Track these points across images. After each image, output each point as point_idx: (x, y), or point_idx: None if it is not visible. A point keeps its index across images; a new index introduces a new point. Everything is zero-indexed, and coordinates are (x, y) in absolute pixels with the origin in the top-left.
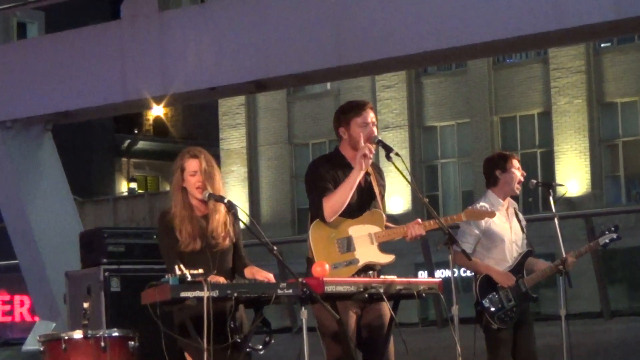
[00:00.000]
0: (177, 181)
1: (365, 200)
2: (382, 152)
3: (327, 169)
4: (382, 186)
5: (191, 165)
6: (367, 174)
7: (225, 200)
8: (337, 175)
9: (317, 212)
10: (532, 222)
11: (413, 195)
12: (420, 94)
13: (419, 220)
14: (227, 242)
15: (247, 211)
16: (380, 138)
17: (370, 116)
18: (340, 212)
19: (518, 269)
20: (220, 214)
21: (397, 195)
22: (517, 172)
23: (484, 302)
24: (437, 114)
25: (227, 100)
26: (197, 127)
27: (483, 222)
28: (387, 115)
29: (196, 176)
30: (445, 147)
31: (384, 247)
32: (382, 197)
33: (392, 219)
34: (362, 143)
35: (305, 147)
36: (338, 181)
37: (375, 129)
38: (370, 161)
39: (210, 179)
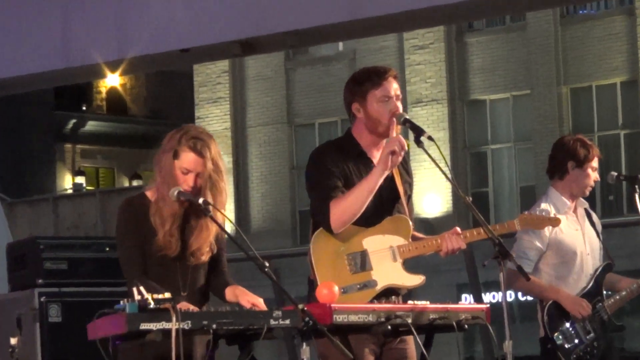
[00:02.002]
0: (168, 164)
1: (386, 203)
2: (409, 136)
3: (335, 160)
4: (408, 183)
5: (189, 160)
6: None
7: (200, 200)
8: (347, 169)
9: (320, 219)
10: (613, 228)
11: (454, 193)
12: (463, 58)
13: (458, 229)
14: (207, 256)
15: (232, 215)
16: (407, 116)
17: (394, 87)
18: (352, 221)
19: (595, 290)
20: (211, 232)
21: (432, 193)
22: (593, 174)
23: (555, 337)
24: (486, 84)
25: (205, 66)
26: (166, 103)
27: (547, 231)
28: (418, 86)
29: (189, 177)
30: (498, 128)
31: (410, 265)
32: (409, 197)
33: (426, 225)
34: (386, 128)
35: (309, 129)
36: (349, 177)
37: (399, 104)
38: (400, 159)
39: (214, 189)
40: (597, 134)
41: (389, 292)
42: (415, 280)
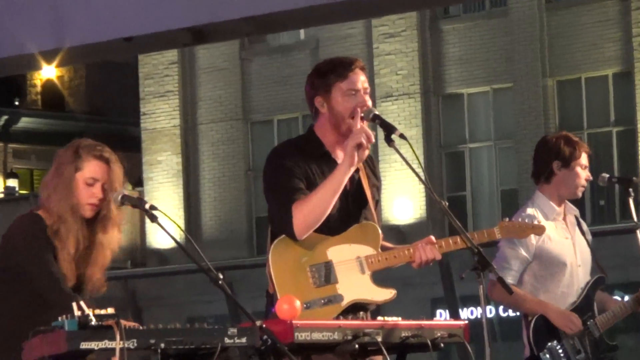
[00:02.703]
0: (67, 180)
1: (353, 209)
2: (379, 134)
3: (296, 160)
4: (375, 187)
5: (93, 169)
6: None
7: (147, 206)
8: (310, 171)
9: (281, 226)
10: (604, 236)
11: (428, 197)
12: (438, 47)
13: (432, 238)
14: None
15: (182, 221)
16: (377, 112)
17: (361, 80)
18: (316, 226)
19: (586, 305)
20: (107, 256)
21: (404, 197)
22: (583, 172)
23: (542, 356)
24: (463, 76)
25: (151, 57)
26: (107, 98)
27: (533, 239)
28: (388, 79)
29: (95, 188)
30: (476, 125)
31: (380, 278)
32: (377, 202)
33: (396, 233)
34: (351, 121)
35: (267, 126)
36: (312, 180)
37: (368, 98)
38: (367, 152)
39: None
40: (586, 131)
41: (356, 308)
42: (385, 294)
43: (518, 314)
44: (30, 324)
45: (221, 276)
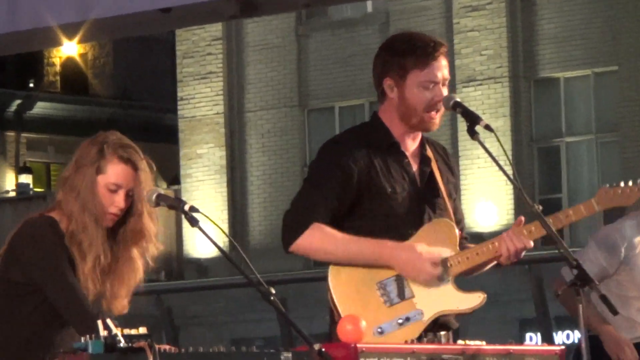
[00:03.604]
0: (88, 183)
1: (423, 207)
2: (459, 124)
3: (356, 156)
4: (452, 184)
5: (117, 173)
6: (424, 160)
7: (186, 207)
8: (373, 166)
9: (288, 225)
10: None
11: (517, 200)
12: (530, 23)
13: (522, 218)
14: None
15: (226, 225)
16: (458, 99)
17: (443, 70)
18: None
19: None
20: (134, 270)
21: (489, 199)
22: None
23: None
24: (560, 57)
25: (191, 32)
26: (139, 80)
27: (622, 249)
28: (471, 60)
29: (118, 195)
30: (574, 115)
31: (463, 283)
32: (454, 200)
33: (479, 241)
34: (421, 120)
35: (327, 114)
36: (374, 176)
37: (445, 90)
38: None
39: (144, 209)
40: None
41: (437, 326)
42: (473, 300)
43: None
44: (47, 345)
45: (273, 291)
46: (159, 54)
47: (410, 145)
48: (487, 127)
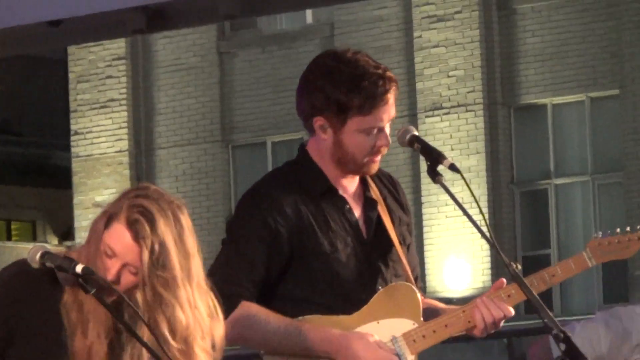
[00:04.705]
0: (97, 233)
1: (374, 260)
2: (421, 162)
3: (287, 203)
4: (405, 225)
5: (115, 237)
6: (368, 202)
7: (78, 269)
8: (308, 216)
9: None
10: None
11: (494, 258)
12: (509, 36)
13: (503, 280)
14: None
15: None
16: (416, 132)
17: (390, 111)
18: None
19: None
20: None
21: (459, 257)
22: None
23: None
24: (546, 79)
25: (87, 50)
26: (23, 109)
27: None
28: (436, 83)
29: (111, 263)
30: (566, 150)
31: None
32: (409, 246)
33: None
34: (361, 166)
35: (258, 150)
36: (308, 229)
37: (388, 128)
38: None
39: (155, 303)
40: None
41: None
42: None
43: None
44: None
45: None
46: (47, 78)
47: (350, 185)
48: (452, 167)
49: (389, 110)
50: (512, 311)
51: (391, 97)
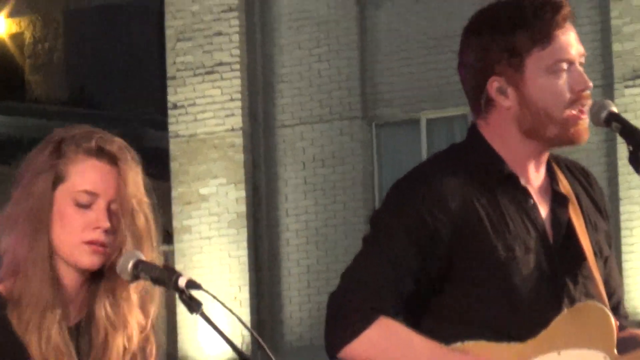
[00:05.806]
0: (42, 202)
1: (561, 274)
2: (618, 145)
3: (451, 192)
4: (604, 233)
5: (87, 175)
6: (557, 199)
7: (181, 282)
8: (477, 212)
9: (337, 325)
10: None
11: None
12: None
13: None
14: None
15: (247, 312)
16: (613, 108)
17: (573, 39)
18: None
19: None
20: (133, 331)
21: None
22: None
23: None
24: None
25: (184, 3)
26: (104, 76)
27: None
28: (637, 44)
29: (95, 208)
30: None
31: None
32: (606, 259)
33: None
34: (564, 124)
35: (408, 129)
36: (478, 227)
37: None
38: None
39: (135, 229)
40: None
41: None
42: None
43: None
44: None
45: None
46: (138, 35)
47: (535, 177)
48: None
49: (572, 40)
50: None
51: (567, 23)
